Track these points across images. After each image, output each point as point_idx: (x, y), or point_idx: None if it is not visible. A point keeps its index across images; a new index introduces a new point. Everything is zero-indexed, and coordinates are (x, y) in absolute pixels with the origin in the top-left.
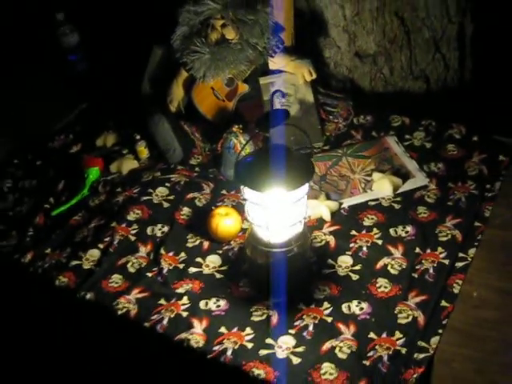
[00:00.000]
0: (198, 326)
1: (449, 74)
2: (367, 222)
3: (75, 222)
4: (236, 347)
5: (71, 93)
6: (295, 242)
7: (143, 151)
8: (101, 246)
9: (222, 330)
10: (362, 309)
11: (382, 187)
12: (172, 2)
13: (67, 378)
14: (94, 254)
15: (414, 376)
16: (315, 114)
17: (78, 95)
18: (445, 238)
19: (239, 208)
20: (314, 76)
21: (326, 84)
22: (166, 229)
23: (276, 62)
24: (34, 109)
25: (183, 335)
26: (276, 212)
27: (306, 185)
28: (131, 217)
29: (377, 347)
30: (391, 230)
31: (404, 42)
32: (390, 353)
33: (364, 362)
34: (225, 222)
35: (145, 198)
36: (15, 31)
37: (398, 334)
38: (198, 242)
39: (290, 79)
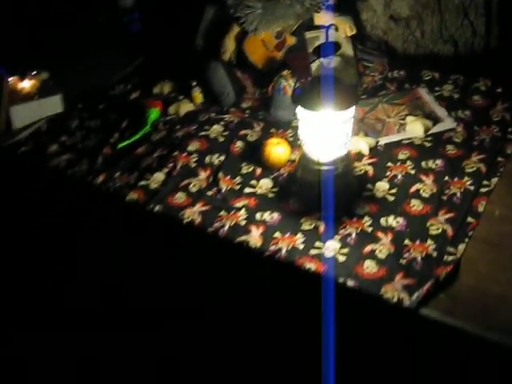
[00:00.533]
0: (255, 232)
1: (476, 39)
2: (401, 157)
3: (140, 153)
4: (289, 248)
5: (128, 49)
6: (340, 163)
7: (198, 96)
8: (165, 170)
9: (277, 234)
10: (397, 222)
11: (415, 128)
12: None
13: (135, 281)
14: (159, 176)
15: (444, 272)
16: (354, 66)
17: (134, 51)
18: (470, 170)
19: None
20: (354, 31)
21: (362, 44)
22: (222, 158)
23: (321, 16)
24: (95, 63)
25: (242, 238)
26: (326, 131)
27: (353, 107)
28: (191, 148)
29: (411, 250)
30: (423, 163)
31: (435, 8)
32: (423, 255)
33: (400, 261)
34: (276, 149)
35: (202, 133)
36: None
37: (429, 242)
38: (251, 169)
39: (332, 34)
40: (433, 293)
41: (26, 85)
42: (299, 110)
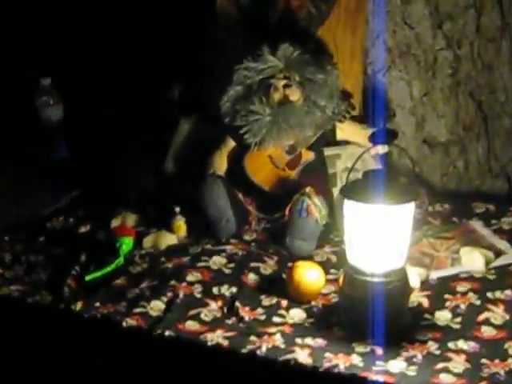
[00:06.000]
0: (302, 352)
1: None
2: (461, 289)
3: (120, 284)
4: (347, 364)
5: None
6: (395, 275)
7: (181, 228)
8: (164, 299)
9: (327, 354)
10: (469, 345)
11: (473, 260)
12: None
13: None
14: (159, 305)
15: None
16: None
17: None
18: None
19: None
20: (387, 149)
21: None
22: (234, 289)
23: (345, 129)
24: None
25: (288, 357)
26: (378, 231)
27: (411, 204)
28: (191, 278)
29: (491, 367)
30: (489, 294)
31: (481, 131)
32: (506, 370)
33: (481, 373)
34: (308, 274)
35: (201, 264)
36: None
37: (510, 360)
38: (274, 301)
39: (357, 153)
40: None
41: None
42: (347, 204)
